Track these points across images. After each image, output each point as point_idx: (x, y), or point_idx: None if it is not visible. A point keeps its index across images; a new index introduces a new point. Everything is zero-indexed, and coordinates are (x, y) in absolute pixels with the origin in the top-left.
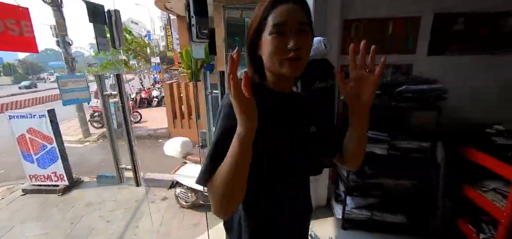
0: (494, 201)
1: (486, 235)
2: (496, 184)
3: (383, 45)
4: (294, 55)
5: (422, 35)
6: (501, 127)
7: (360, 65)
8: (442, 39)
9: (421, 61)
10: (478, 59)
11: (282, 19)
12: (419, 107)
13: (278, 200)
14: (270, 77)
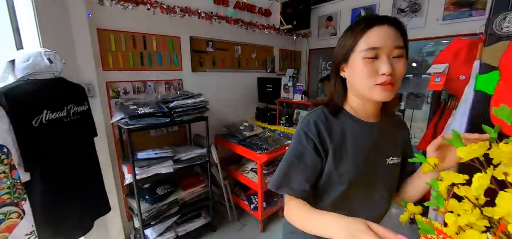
0: (252, 178)
1: (254, 204)
2: (251, 165)
3: (152, 61)
4: (387, 80)
5: (185, 53)
6: (247, 123)
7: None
8: (200, 58)
9: (188, 77)
10: (225, 75)
11: (377, 42)
12: (193, 119)
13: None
14: (353, 102)
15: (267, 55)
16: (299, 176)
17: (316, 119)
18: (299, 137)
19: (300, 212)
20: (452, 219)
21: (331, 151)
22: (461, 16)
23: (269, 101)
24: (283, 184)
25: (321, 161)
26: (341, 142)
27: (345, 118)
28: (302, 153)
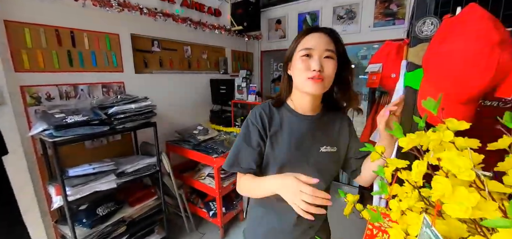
0: (210, 184)
1: (213, 211)
2: (208, 170)
3: (84, 62)
4: (316, 75)
5: (126, 53)
6: (201, 126)
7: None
8: (144, 58)
9: (131, 79)
10: (174, 76)
11: (310, 44)
12: (138, 126)
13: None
14: (295, 96)
15: (219, 56)
16: (247, 157)
17: (261, 110)
18: (246, 125)
19: (247, 183)
20: (396, 204)
21: (269, 137)
22: (387, 24)
23: (224, 103)
24: (234, 164)
25: (264, 145)
26: (277, 130)
27: (285, 111)
28: (249, 138)
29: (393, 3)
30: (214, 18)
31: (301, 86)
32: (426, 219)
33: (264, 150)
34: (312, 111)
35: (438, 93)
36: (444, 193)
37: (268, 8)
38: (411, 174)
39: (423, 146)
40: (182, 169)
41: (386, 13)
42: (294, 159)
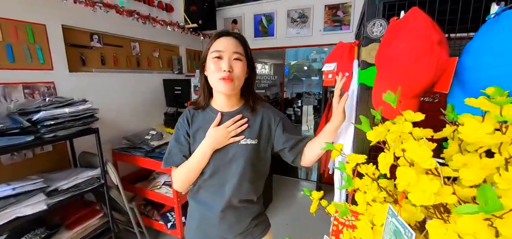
0: (167, 193)
1: (171, 222)
2: (164, 178)
3: None
4: (226, 76)
5: (56, 47)
6: (154, 131)
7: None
8: (81, 55)
9: (64, 79)
10: (120, 76)
11: (220, 47)
12: (75, 133)
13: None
14: (214, 96)
15: (173, 55)
16: (178, 153)
17: (187, 113)
18: (177, 125)
19: (181, 169)
20: (362, 197)
21: (191, 135)
22: (336, 29)
23: (180, 105)
24: (169, 160)
25: (190, 142)
26: (199, 127)
27: (208, 111)
28: (179, 137)
29: (339, 10)
30: (166, 14)
31: (215, 86)
32: (391, 209)
33: (190, 147)
34: (230, 107)
35: (390, 89)
36: (410, 182)
37: (224, 7)
38: (369, 167)
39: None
40: (133, 180)
41: (334, 19)
42: (218, 152)
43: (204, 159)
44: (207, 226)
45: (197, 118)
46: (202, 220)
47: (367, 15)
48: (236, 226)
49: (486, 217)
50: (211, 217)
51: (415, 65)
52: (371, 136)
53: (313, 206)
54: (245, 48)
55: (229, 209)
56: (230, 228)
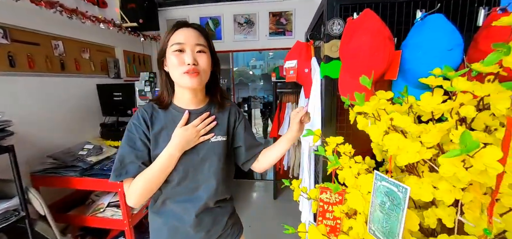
0: (114, 216)
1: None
2: (108, 199)
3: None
4: (191, 69)
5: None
6: (90, 145)
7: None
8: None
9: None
10: (37, 80)
11: (181, 39)
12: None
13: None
14: (178, 94)
15: (108, 57)
16: (135, 161)
17: (142, 111)
18: (130, 128)
19: (140, 179)
20: (349, 172)
21: (152, 136)
22: (280, 34)
23: (121, 113)
24: (122, 172)
25: (149, 144)
26: (162, 128)
27: (171, 110)
28: (134, 141)
29: (282, 17)
30: (98, 10)
31: (179, 81)
32: (378, 174)
33: (151, 150)
34: (196, 104)
35: (354, 79)
36: (398, 145)
37: (167, 7)
38: (346, 146)
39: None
40: (63, 207)
41: (278, 26)
42: (187, 153)
43: (171, 163)
44: (182, 237)
45: (158, 118)
46: (172, 235)
47: (327, 15)
48: (213, 229)
49: (462, 158)
50: (184, 228)
51: (373, 57)
52: (367, 108)
53: (296, 193)
54: (207, 39)
55: (205, 212)
56: (207, 234)
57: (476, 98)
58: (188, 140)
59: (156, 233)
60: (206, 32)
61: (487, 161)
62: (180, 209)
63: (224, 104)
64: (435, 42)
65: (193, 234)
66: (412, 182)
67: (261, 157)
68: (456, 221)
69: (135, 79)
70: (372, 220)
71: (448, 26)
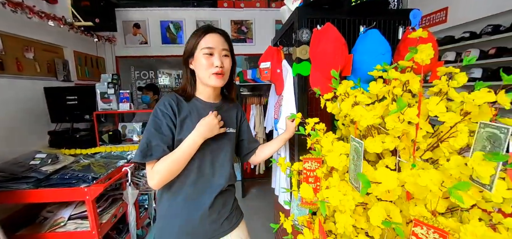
0: (78, 228)
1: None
2: (68, 211)
3: None
4: (219, 71)
5: None
6: (43, 154)
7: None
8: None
9: None
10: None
11: (211, 43)
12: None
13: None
14: (200, 88)
15: (56, 58)
16: (160, 144)
17: (169, 99)
18: (156, 113)
19: (165, 162)
20: (326, 140)
21: (179, 122)
22: (242, 41)
23: (77, 119)
24: (147, 153)
25: (174, 130)
26: (187, 116)
27: (194, 102)
28: (160, 126)
29: (243, 25)
30: (47, 5)
31: (206, 80)
32: (352, 137)
33: (175, 135)
34: (215, 99)
35: (322, 76)
36: (361, 113)
37: (124, 8)
38: (321, 125)
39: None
40: (10, 227)
41: (239, 33)
42: (203, 142)
43: (194, 149)
44: (194, 223)
45: (183, 107)
46: (187, 219)
47: (298, 26)
48: (223, 210)
49: (398, 115)
50: (199, 211)
51: (335, 58)
52: (340, 90)
53: (283, 168)
54: (230, 44)
55: (219, 195)
56: (218, 214)
57: (402, 83)
58: (211, 129)
59: (172, 215)
60: (230, 38)
61: (409, 116)
62: (197, 192)
63: (234, 101)
64: (374, 49)
65: (207, 215)
66: (367, 141)
67: (259, 151)
68: (397, 163)
69: (87, 83)
70: (349, 171)
71: (381, 38)
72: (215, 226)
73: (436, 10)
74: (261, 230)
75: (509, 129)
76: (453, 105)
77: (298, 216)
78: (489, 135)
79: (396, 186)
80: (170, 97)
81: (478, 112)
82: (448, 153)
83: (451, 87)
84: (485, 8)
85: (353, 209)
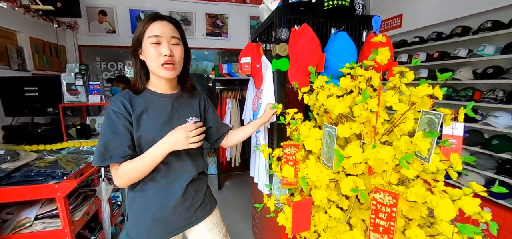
0: (47, 228)
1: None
2: (32, 212)
3: None
4: (168, 60)
5: None
6: (2, 150)
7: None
8: None
9: None
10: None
11: (158, 32)
12: None
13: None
14: (153, 80)
15: (8, 44)
16: (119, 145)
17: (121, 98)
18: (109, 115)
19: (129, 167)
20: (304, 127)
21: (135, 120)
22: (217, 35)
23: (38, 112)
24: (106, 156)
25: (132, 129)
26: (142, 111)
27: (147, 95)
28: (115, 127)
29: (218, 19)
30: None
31: (156, 71)
32: (326, 124)
33: (134, 134)
34: (171, 90)
35: (300, 71)
36: (334, 103)
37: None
38: (299, 115)
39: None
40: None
41: (215, 27)
42: (165, 133)
43: (160, 158)
44: (166, 213)
45: (136, 102)
46: (160, 209)
47: (277, 25)
48: (196, 198)
49: (363, 105)
50: (171, 201)
51: (311, 56)
52: (318, 83)
53: (266, 154)
54: (181, 32)
55: (190, 184)
56: (191, 201)
57: (365, 79)
58: (181, 143)
59: (143, 209)
60: (180, 25)
61: (371, 106)
62: (168, 184)
63: (194, 91)
64: (343, 49)
65: (180, 203)
66: (339, 127)
67: (231, 134)
68: (361, 144)
69: (46, 73)
70: (322, 154)
71: (349, 40)
72: (189, 213)
73: (393, 16)
74: (238, 220)
75: (441, 114)
76: (404, 98)
77: (279, 196)
78: (428, 120)
79: (361, 159)
80: (121, 96)
81: (421, 103)
82: (400, 135)
83: (403, 83)
84: (432, 17)
85: (327, 183)
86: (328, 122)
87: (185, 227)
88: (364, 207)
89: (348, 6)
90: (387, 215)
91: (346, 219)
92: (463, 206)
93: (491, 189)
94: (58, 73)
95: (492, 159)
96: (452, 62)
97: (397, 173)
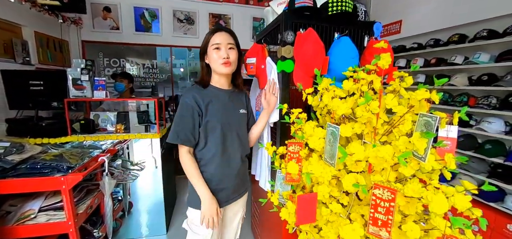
0: (51, 220)
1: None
2: (36, 204)
3: None
4: (226, 61)
5: None
6: (6, 142)
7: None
8: None
9: None
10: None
11: (218, 40)
12: None
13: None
14: (215, 78)
15: (13, 37)
16: (185, 130)
17: (193, 92)
18: (182, 105)
19: (190, 167)
20: (308, 127)
21: (204, 108)
22: None
23: (43, 106)
24: (176, 138)
25: (199, 118)
26: (210, 101)
27: (212, 89)
28: (185, 115)
29: (222, 19)
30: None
31: (217, 69)
32: (329, 124)
33: (202, 121)
34: (228, 86)
35: (304, 73)
36: (338, 105)
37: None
38: (303, 115)
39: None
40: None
41: (218, 27)
42: (226, 119)
43: (197, 189)
44: (226, 179)
45: (204, 95)
46: (222, 175)
47: (284, 28)
48: (243, 176)
49: (365, 106)
50: (232, 171)
51: (315, 59)
52: (323, 85)
53: (270, 152)
54: (235, 39)
55: (241, 163)
56: (241, 179)
57: (367, 82)
58: (209, 211)
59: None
60: (234, 34)
61: (373, 107)
62: (227, 160)
63: (242, 88)
64: (345, 53)
65: (235, 176)
66: (342, 126)
67: (251, 133)
68: (362, 143)
69: (50, 67)
70: (324, 152)
71: (351, 44)
72: (241, 182)
73: (393, 22)
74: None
75: (438, 117)
76: (403, 101)
77: (282, 192)
78: (425, 122)
79: (363, 157)
80: (193, 89)
81: (419, 106)
82: (398, 136)
83: (402, 87)
84: (429, 24)
85: (329, 179)
86: (331, 122)
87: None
88: (363, 203)
89: (351, 12)
90: (385, 210)
91: (346, 214)
92: (456, 202)
93: (482, 187)
94: (63, 68)
95: (485, 163)
96: (448, 68)
97: (395, 172)
